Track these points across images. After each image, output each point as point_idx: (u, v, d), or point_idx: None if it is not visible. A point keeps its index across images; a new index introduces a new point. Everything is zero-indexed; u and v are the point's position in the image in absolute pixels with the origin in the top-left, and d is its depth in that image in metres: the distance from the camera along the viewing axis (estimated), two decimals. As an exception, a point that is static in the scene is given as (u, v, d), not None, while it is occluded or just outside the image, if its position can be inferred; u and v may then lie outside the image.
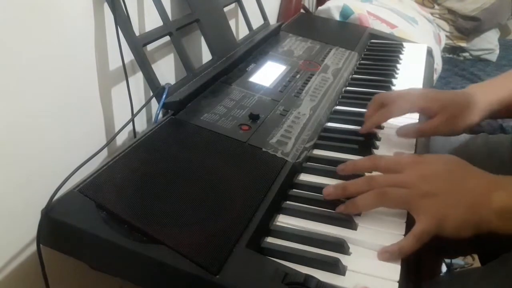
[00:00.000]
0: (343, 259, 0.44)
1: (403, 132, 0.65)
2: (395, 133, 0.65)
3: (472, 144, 0.78)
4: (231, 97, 0.68)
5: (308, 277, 0.40)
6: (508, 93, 0.63)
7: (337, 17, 1.25)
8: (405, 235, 0.48)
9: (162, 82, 0.64)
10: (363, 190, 0.50)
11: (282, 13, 1.29)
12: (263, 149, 0.57)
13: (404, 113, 0.66)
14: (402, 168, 0.50)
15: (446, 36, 1.92)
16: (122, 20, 0.60)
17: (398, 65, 0.94)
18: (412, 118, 0.70)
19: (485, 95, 0.63)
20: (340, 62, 0.90)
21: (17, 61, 0.49)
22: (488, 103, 0.63)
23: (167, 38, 0.68)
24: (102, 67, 0.63)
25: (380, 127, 0.69)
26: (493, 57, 1.97)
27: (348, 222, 0.49)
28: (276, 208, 0.51)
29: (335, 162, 0.59)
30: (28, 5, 0.49)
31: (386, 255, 0.45)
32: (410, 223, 0.49)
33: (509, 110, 0.63)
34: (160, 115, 0.62)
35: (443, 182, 0.48)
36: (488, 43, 1.96)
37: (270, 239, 0.48)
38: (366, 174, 0.54)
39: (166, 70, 0.79)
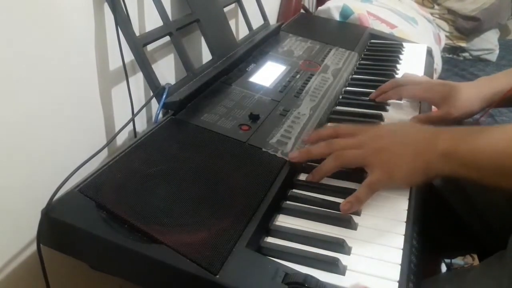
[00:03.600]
0: (343, 259, 0.44)
1: (417, 118, 0.76)
2: None
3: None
4: (231, 97, 0.68)
5: (308, 277, 0.40)
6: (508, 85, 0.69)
7: (337, 17, 1.25)
8: (405, 235, 0.48)
9: (162, 82, 0.64)
10: (324, 152, 0.55)
11: (282, 13, 1.29)
12: (263, 149, 0.57)
13: (412, 98, 0.77)
14: (356, 133, 0.56)
15: (446, 36, 1.92)
16: (122, 20, 0.60)
17: (398, 65, 0.94)
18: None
19: (488, 86, 0.70)
20: (340, 62, 0.90)
21: (17, 61, 0.49)
22: (490, 93, 0.69)
23: (167, 38, 0.68)
24: (102, 67, 0.63)
25: (386, 105, 0.76)
26: (493, 57, 1.97)
27: (348, 222, 0.49)
28: (276, 208, 0.51)
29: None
30: (28, 5, 0.49)
31: (348, 205, 0.50)
32: (410, 223, 0.49)
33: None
34: (160, 115, 0.62)
35: (390, 138, 0.55)
36: (488, 43, 1.96)
37: (270, 239, 0.48)
38: None
39: (166, 70, 0.79)
